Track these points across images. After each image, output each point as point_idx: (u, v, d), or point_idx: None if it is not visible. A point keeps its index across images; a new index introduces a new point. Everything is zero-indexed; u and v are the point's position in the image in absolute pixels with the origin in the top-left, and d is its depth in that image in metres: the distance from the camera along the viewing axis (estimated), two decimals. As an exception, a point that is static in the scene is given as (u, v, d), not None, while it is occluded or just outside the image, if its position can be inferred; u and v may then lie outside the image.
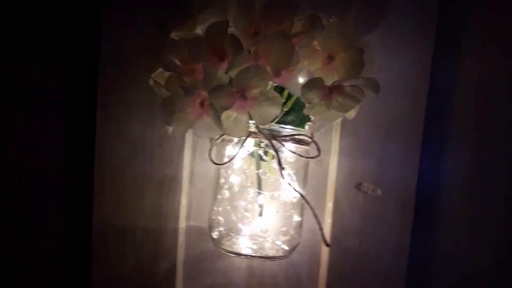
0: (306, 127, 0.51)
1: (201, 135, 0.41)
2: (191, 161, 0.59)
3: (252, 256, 0.50)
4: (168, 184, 0.57)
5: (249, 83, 0.39)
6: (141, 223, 0.57)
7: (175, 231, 0.58)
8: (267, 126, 0.49)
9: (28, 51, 0.48)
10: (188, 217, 0.59)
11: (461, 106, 0.59)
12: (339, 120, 0.59)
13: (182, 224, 0.59)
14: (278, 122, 0.52)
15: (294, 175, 0.52)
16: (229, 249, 0.50)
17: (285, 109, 0.49)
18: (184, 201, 0.58)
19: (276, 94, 0.41)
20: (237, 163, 0.52)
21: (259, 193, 0.51)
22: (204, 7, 0.46)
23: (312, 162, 0.59)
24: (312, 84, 0.40)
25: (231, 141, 0.50)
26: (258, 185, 0.52)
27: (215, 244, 0.51)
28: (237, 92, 0.40)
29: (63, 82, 0.53)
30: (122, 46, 0.52)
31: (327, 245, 0.45)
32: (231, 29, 0.43)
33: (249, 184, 0.49)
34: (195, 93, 0.39)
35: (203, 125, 0.40)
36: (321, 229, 0.45)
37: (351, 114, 0.49)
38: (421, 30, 0.57)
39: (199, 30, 0.45)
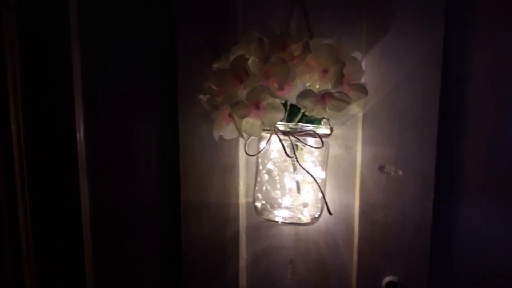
0: (322, 123, 0.65)
1: (226, 136, 0.59)
2: (246, 153, 0.77)
3: (284, 223, 0.66)
4: (229, 170, 0.76)
5: (259, 98, 0.55)
6: (213, 199, 0.77)
7: (237, 205, 0.77)
8: (291, 125, 0.64)
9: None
10: (246, 195, 0.77)
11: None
12: (360, 115, 0.70)
13: (242, 200, 0.77)
14: (306, 122, 0.66)
15: (317, 161, 0.67)
16: (267, 218, 0.67)
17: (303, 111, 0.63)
18: (241, 182, 0.76)
19: (279, 104, 0.56)
20: (273, 154, 0.68)
21: (294, 174, 0.67)
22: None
23: (341, 150, 0.73)
24: (304, 94, 0.55)
25: (265, 138, 0.66)
26: (293, 168, 0.68)
27: (257, 214, 0.68)
28: (252, 104, 0.56)
29: (153, 98, 0.76)
30: (192, 72, 0.73)
31: (330, 213, 0.59)
32: (253, 58, 0.59)
33: (276, 169, 0.65)
34: (222, 108, 0.56)
35: (228, 129, 0.58)
36: (325, 201, 0.59)
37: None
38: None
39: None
